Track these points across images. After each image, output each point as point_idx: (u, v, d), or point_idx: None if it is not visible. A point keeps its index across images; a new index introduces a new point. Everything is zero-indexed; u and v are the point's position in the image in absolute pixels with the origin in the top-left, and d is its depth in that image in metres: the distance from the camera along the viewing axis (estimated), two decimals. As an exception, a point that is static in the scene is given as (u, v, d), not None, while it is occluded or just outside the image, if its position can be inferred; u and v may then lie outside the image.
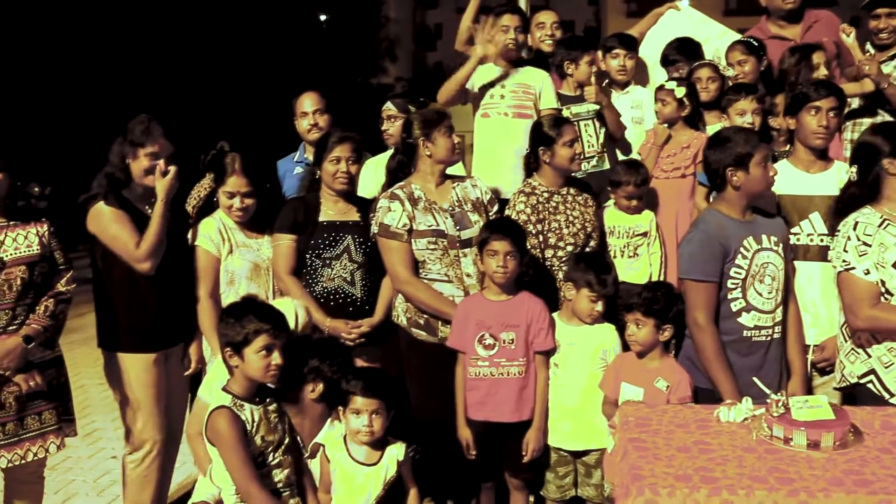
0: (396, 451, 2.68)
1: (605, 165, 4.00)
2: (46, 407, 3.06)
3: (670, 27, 4.50)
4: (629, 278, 3.59)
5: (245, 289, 3.33)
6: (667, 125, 3.84)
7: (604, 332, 3.16)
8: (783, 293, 3.00)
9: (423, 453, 3.10)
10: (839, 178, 3.20)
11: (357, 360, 2.93)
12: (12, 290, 2.95)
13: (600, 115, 3.98)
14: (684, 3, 4.67)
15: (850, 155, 3.10)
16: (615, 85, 4.19)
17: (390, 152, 3.94)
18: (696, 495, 1.98)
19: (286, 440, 2.61)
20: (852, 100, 3.94)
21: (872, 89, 3.83)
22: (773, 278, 2.94)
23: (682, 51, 4.20)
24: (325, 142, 3.44)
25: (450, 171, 3.46)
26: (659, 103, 3.85)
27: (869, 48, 4.07)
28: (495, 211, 3.43)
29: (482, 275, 3.18)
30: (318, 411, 2.75)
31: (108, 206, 3.18)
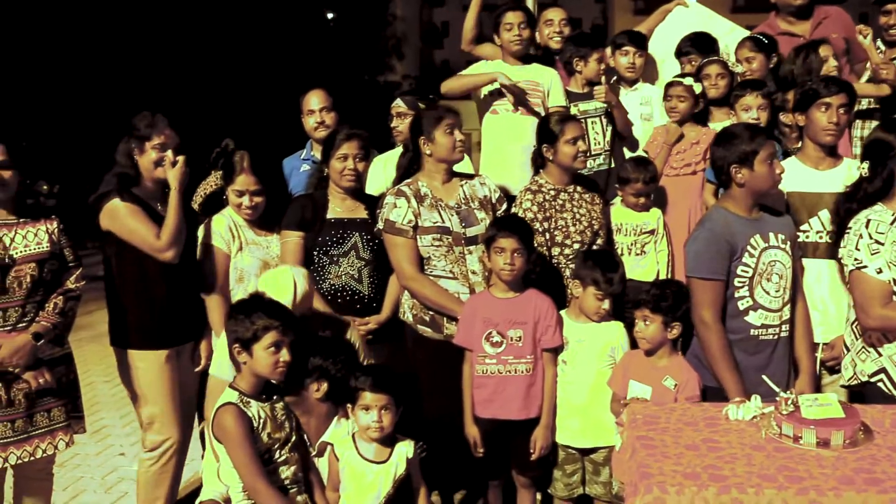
0: (406, 449, 2.67)
1: (612, 164, 3.98)
2: (56, 404, 3.06)
3: (678, 24, 4.47)
4: (636, 276, 3.59)
5: (254, 286, 3.32)
6: (678, 123, 3.83)
7: (612, 329, 3.15)
8: (791, 291, 2.98)
9: (430, 450, 3.10)
10: (848, 175, 3.18)
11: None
12: (22, 287, 2.96)
13: (608, 112, 3.97)
14: (692, -1, 4.64)
15: (862, 151, 3.08)
16: (624, 82, 4.18)
17: (399, 149, 3.94)
18: (705, 493, 1.97)
19: (293, 437, 2.61)
20: (863, 98, 3.92)
21: (889, 92, 3.80)
22: (780, 276, 2.92)
23: (696, 44, 4.16)
24: (333, 139, 3.44)
25: (457, 168, 3.45)
26: (674, 100, 3.82)
27: (880, 45, 4.04)
28: (504, 209, 3.42)
29: (489, 272, 3.18)
30: (323, 410, 2.75)
31: (123, 201, 3.18)
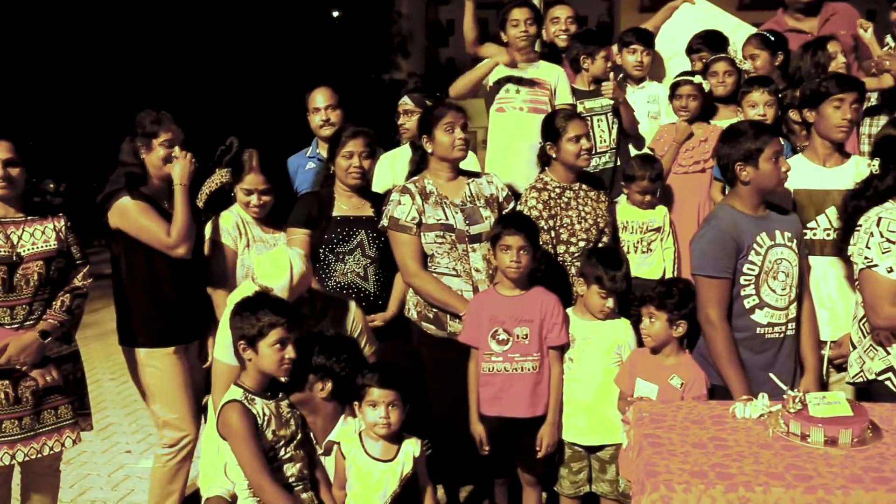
0: (412, 448, 2.66)
1: (618, 162, 3.97)
2: (62, 401, 3.06)
3: (685, 21, 4.46)
4: (642, 274, 3.58)
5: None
6: (688, 122, 3.82)
7: (619, 327, 3.15)
8: (797, 289, 2.96)
9: (435, 448, 3.10)
10: (856, 172, 3.16)
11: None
12: (29, 285, 2.96)
13: (614, 110, 3.96)
14: (699, -5, 4.61)
15: (872, 148, 3.07)
16: (631, 80, 4.17)
17: (406, 147, 3.94)
18: (713, 492, 1.97)
19: (298, 435, 2.61)
20: (870, 94, 3.90)
21: (892, 84, 3.78)
22: (786, 274, 2.91)
23: (707, 41, 4.14)
24: (339, 137, 3.44)
25: (463, 166, 3.45)
26: (684, 99, 3.81)
27: (889, 41, 4.02)
28: (512, 208, 3.41)
29: (494, 269, 3.17)
30: (329, 409, 2.74)
31: (133, 199, 3.19)
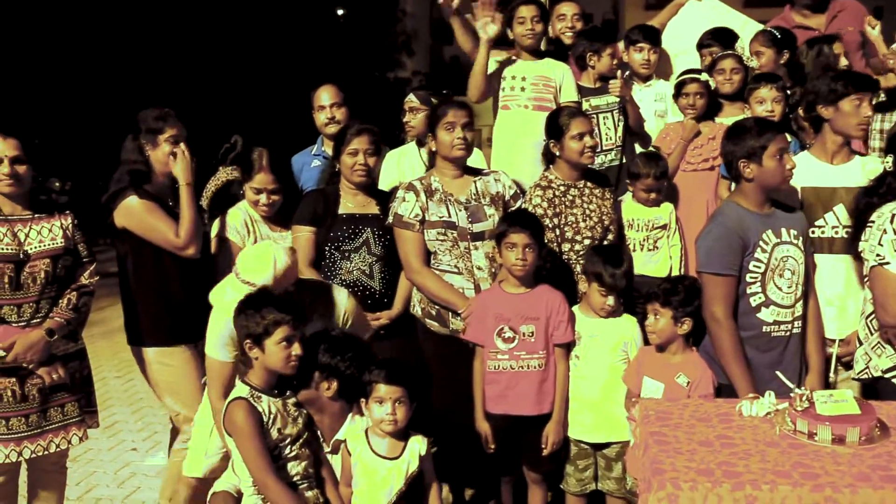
0: (419, 445, 2.66)
1: (623, 160, 3.96)
2: (69, 399, 3.08)
3: (691, 18, 4.44)
4: (649, 272, 3.57)
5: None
6: (695, 120, 3.81)
7: (625, 324, 3.14)
8: (803, 287, 2.95)
9: (440, 446, 3.10)
10: (863, 169, 3.15)
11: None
12: (36, 283, 2.97)
13: (620, 107, 3.94)
14: (705, -8, 4.59)
15: (886, 144, 3.05)
16: (637, 78, 4.15)
17: (412, 144, 3.94)
18: (719, 490, 1.96)
19: (305, 434, 2.61)
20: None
21: None
22: (792, 272, 2.89)
23: (717, 37, 4.13)
24: (343, 135, 3.44)
25: (470, 163, 3.44)
26: (691, 97, 3.80)
27: None
28: (518, 206, 3.41)
29: (499, 267, 3.17)
30: (336, 408, 2.73)
31: (140, 198, 3.19)
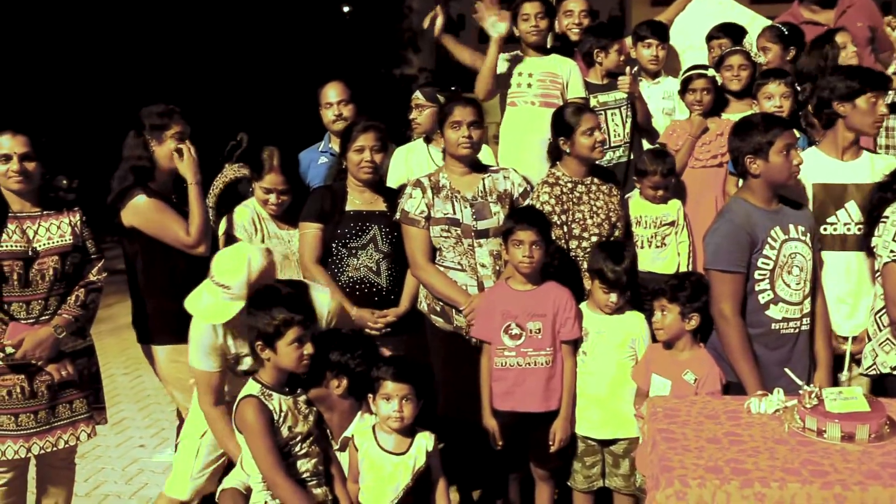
0: (426, 442, 2.66)
1: (631, 156, 3.94)
2: (77, 396, 3.09)
3: (699, 14, 4.42)
4: (657, 268, 3.56)
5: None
6: (702, 116, 3.79)
7: (632, 321, 3.13)
8: (811, 284, 2.94)
9: (446, 442, 3.09)
10: (873, 165, 3.14)
11: (383, 350, 2.91)
12: (45, 279, 2.97)
13: (628, 103, 3.93)
14: (713, -13, 4.57)
15: None
16: (646, 74, 4.14)
17: (420, 141, 3.94)
18: (727, 487, 1.96)
19: (314, 431, 2.61)
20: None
21: None
22: (801, 269, 2.88)
23: (726, 29, 4.09)
24: (350, 131, 3.44)
25: (481, 159, 3.44)
26: (699, 93, 3.78)
27: None
28: (526, 203, 3.40)
29: (505, 264, 3.16)
30: (345, 406, 2.73)
31: (149, 197, 3.20)
